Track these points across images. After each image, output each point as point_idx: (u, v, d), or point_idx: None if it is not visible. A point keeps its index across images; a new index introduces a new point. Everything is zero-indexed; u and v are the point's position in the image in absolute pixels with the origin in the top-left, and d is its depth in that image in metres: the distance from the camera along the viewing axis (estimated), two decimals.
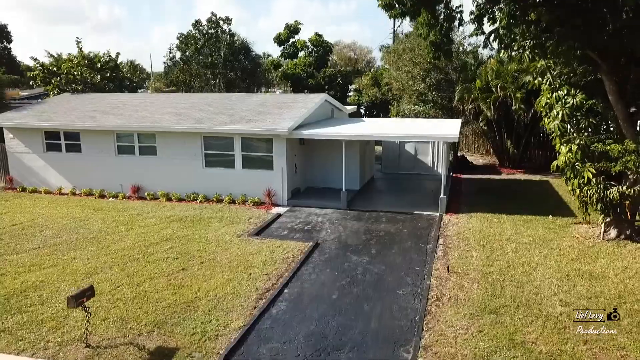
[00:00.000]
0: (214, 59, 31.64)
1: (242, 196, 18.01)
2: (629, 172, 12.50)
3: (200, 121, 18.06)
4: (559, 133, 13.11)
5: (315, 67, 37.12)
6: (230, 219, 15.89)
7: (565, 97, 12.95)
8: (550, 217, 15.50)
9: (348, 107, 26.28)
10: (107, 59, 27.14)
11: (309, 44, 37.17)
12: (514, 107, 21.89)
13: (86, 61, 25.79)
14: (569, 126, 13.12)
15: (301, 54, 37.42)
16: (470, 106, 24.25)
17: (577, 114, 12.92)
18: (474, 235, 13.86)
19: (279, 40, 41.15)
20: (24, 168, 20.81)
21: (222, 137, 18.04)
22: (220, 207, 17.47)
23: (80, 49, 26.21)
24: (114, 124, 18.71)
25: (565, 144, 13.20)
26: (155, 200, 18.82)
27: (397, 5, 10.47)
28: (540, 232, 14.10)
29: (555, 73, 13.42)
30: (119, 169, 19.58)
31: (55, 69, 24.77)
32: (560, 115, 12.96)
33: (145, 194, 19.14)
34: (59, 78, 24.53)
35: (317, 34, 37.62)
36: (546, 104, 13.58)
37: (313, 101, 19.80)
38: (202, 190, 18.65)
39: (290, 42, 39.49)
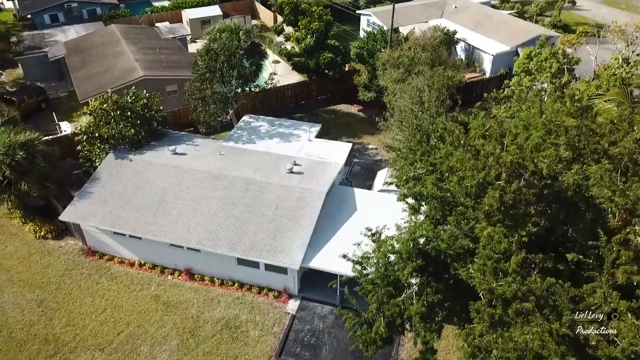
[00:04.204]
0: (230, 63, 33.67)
1: (266, 288, 25.64)
2: None
3: (233, 245, 24.53)
4: None
5: (317, 44, 39.12)
6: (261, 326, 23.94)
7: None
8: None
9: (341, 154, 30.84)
10: (134, 98, 30.88)
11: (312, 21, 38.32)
12: None
13: (118, 110, 29.82)
14: None
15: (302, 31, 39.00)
16: None
17: None
18: None
19: (281, 9, 41.85)
20: (98, 241, 27.70)
21: None
22: (252, 301, 25.24)
23: (110, 96, 30.05)
24: (167, 240, 25.18)
25: None
26: (202, 282, 26.36)
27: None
28: None
29: None
30: (172, 254, 26.62)
31: (97, 133, 29.15)
32: None
33: (195, 276, 26.60)
34: (102, 145, 29.24)
35: (320, 21, 38.20)
36: None
37: (316, 208, 25.71)
38: (237, 277, 26.12)
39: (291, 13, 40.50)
